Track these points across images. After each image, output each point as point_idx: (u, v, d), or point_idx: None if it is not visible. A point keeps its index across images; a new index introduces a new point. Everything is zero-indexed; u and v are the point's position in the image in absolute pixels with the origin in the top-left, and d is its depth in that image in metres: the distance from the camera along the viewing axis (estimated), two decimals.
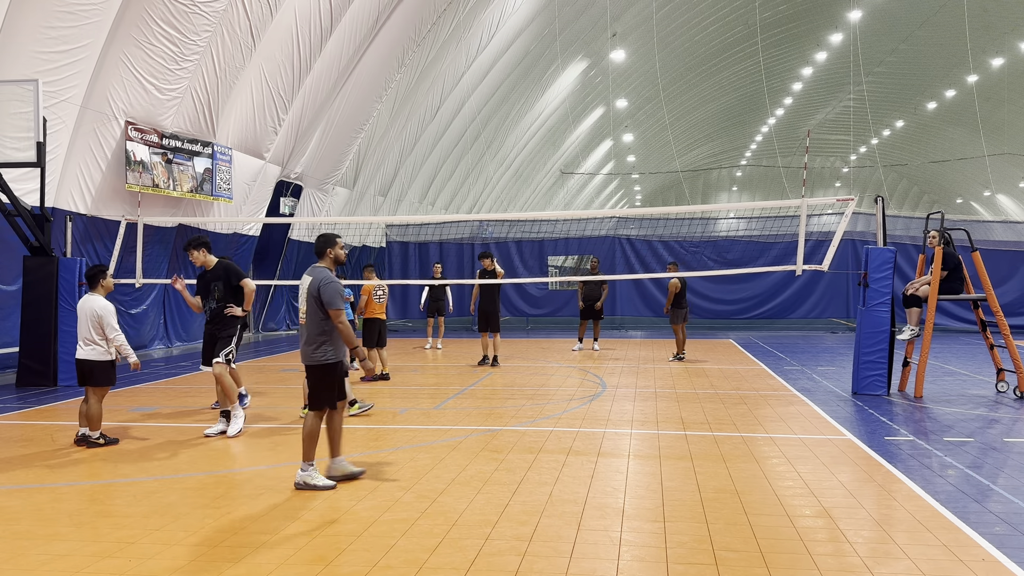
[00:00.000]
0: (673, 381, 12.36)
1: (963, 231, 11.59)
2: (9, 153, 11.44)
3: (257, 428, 8.81)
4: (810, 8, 44.94)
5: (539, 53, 31.58)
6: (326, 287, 6.39)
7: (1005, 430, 8.73)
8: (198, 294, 9.03)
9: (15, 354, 12.62)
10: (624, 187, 70.32)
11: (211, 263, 8.92)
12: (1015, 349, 10.74)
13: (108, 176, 14.74)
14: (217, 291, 8.78)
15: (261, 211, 20.15)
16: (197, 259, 8.91)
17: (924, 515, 5.56)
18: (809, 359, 15.35)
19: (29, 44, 12.27)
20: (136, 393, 11.37)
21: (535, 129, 38.89)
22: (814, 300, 22.89)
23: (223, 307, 8.78)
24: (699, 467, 6.92)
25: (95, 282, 8.10)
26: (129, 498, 6.08)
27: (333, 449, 6.58)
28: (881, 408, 9.89)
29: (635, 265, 22.99)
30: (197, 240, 9.02)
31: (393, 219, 26.62)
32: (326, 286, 6.39)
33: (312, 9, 17.34)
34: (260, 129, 18.36)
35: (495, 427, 8.71)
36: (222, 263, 8.99)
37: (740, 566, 4.64)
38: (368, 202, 26.62)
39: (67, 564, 4.73)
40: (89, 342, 8.02)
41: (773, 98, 51.71)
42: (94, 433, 7.85)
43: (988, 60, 42.75)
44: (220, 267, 8.92)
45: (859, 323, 11.08)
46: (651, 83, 42.00)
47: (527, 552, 4.87)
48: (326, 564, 4.71)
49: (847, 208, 11.52)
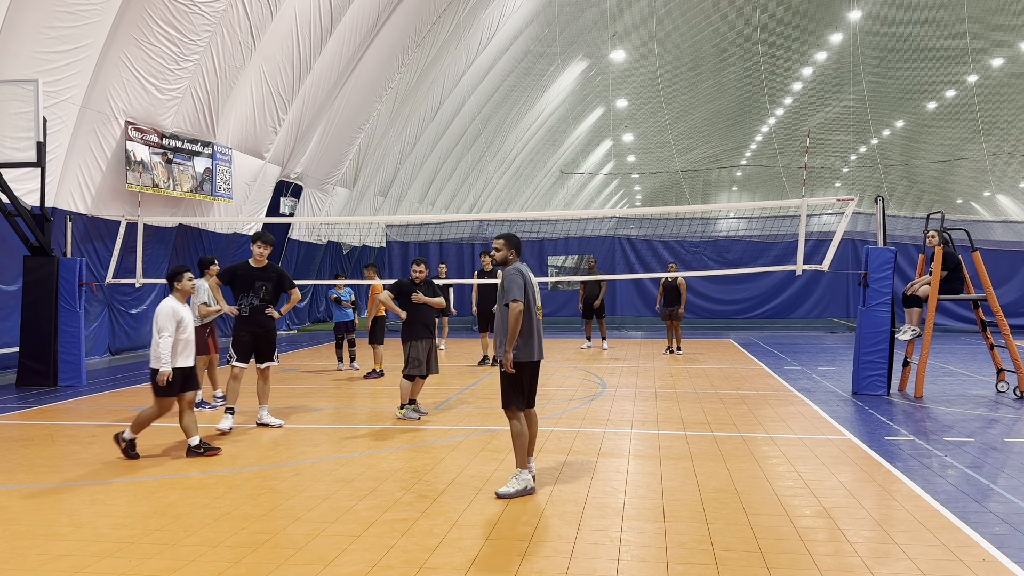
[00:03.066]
0: (673, 381, 12.36)
1: (963, 231, 11.59)
2: (9, 153, 11.44)
3: (256, 428, 8.80)
4: (810, 8, 44.95)
5: (539, 53, 31.59)
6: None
7: (1005, 430, 8.73)
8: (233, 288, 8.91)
9: (15, 354, 12.62)
10: (624, 187, 70.34)
11: (264, 262, 9.01)
12: (1015, 349, 10.74)
13: (108, 176, 14.74)
14: (265, 291, 8.85)
15: (261, 211, 20.15)
16: (262, 255, 8.96)
17: (924, 515, 5.56)
18: (809, 359, 15.34)
19: (29, 44, 12.27)
20: (136, 393, 11.37)
21: (535, 129, 38.90)
22: (814, 300, 22.88)
23: (264, 307, 8.86)
24: (699, 467, 6.92)
25: (171, 285, 7.68)
26: (129, 498, 6.08)
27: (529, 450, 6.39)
28: (881, 408, 9.89)
29: (635, 265, 22.98)
30: (269, 237, 9.10)
31: (393, 219, 26.60)
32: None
33: (312, 9, 17.33)
34: (260, 129, 18.36)
35: (495, 427, 8.71)
36: (275, 266, 9.13)
37: (740, 566, 4.64)
38: (368, 202, 26.62)
39: (67, 564, 4.72)
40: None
41: (773, 98, 51.72)
42: (195, 439, 7.52)
43: (988, 60, 42.76)
44: (274, 270, 9.03)
45: (859, 323, 11.08)
46: (651, 83, 42.02)
47: (527, 552, 4.87)
48: (326, 564, 4.71)
49: (847, 208, 11.53)
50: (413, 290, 9.33)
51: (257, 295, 8.81)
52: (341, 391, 11.61)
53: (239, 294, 8.83)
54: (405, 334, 9.30)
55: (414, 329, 9.27)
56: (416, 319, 9.28)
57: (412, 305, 9.31)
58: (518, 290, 6.14)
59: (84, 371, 12.25)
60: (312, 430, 8.71)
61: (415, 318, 9.28)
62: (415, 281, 9.49)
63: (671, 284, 16.36)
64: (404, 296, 9.33)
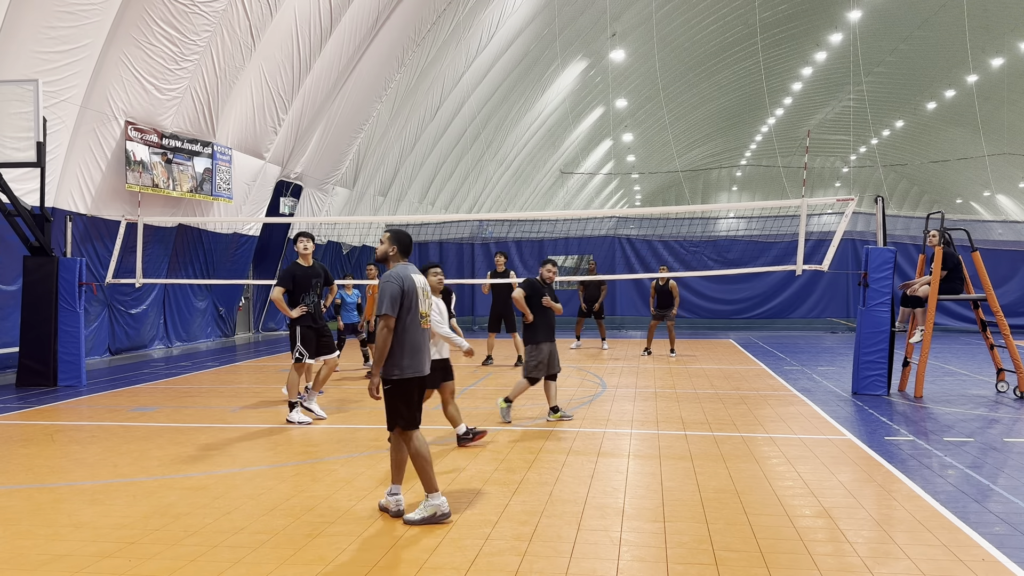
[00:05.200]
0: (673, 381, 12.36)
1: (963, 231, 11.59)
2: (9, 153, 11.44)
3: (257, 428, 8.81)
4: (810, 8, 44.93)
5: (539, 53, 31.58)
6: None
7: (1005, 430, 8.73)
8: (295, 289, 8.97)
9: (15, 354, 12.62)
10: (624, 187, 70.32)
11: (311, 260, 9.16)
12: (1015, 349, 10.74)
13: (108, 176, 14.74)
14: (319, 287, 9.07)
15: (261, 211, 20.15)
16: (308, 251, 9.08)
17: (924, 515, 5.56)
18: (809, 359, 15.34)
19: (29, 44, 12.27)
20: (136, 393, 11.37)
21: (535, 129, 38.88)
22: (814, 300, 22.89)
23: (319, 302, 9.11)
24: (699, 467, 6.92)
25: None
26: (129, 498, 6.08)
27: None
28: (881, 408, 9.89)
29: (635, 265, 22.98)
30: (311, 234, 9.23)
31: (393, 219, 26.53)
32: None
33: (312, 9, 17.33)
34: (260, 129, 18.36)
35: (495, 427, 8.71)
36: (319, 263, 9.34)
37: (740, 566, 4.64)
38: (368, 202, 26.62)
39: (67, 564, 4.72)
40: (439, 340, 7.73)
41: (773, 98, 51.70)
42: (462, 427, 7.73)
43: (988, 60, 42.73)
44: (320, 266, 9.25)
45: (859, 323, 11.07)
46: (651, 83, 42.00)
47: (527, 552, 4.87)
48: (326, 564, 4.71)
49: (847, 208, 11.52)
50: (544, 292, 9.10)
51: (315, 292, 9.07)
52: (340, 391, 11.61)
53: (300, 294, 9.04)
54: (528, 336, 9.00)
55: (538, 332, 8.97)
56: (541, 322, 8.99)
57: (539, 307, 9.04)
58: (388, 303, 5.46)
59: (84, 371, 12.24)
60: (312, 430, 8.71)
61: (540, 321, 8.98)
62: (546, 282, 9.25)
63: (663, 287, 16.27)
64: (536, 297, 9.05)
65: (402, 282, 5.56)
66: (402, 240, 5.72)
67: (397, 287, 5.53)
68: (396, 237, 5.72)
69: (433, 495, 5.46)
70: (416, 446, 5.55)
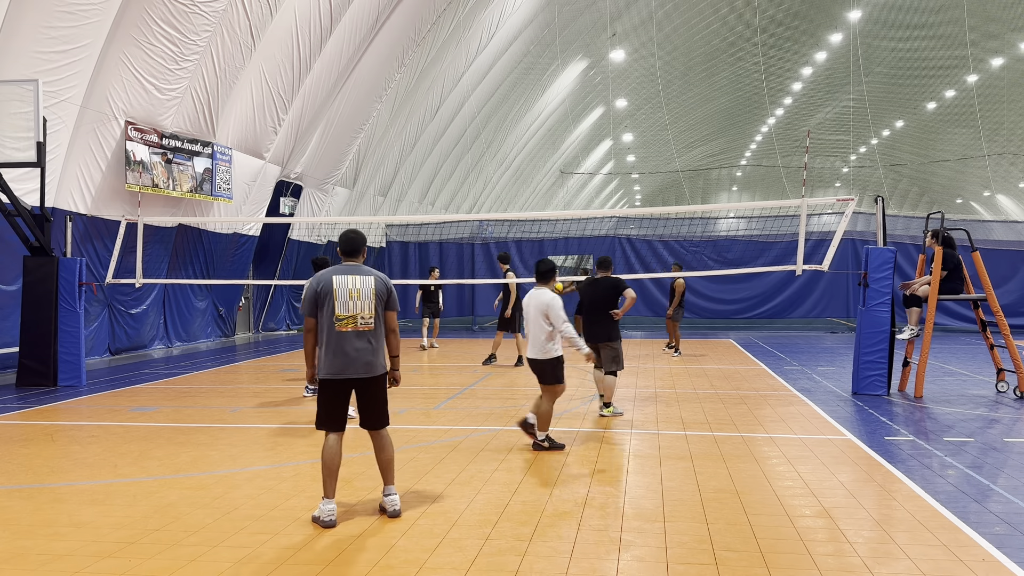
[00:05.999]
0: (673, 381, 12.36)
1: (963, 231, 11.59)
2: (9, 153, 11.44)
3: (257, 428, 8.81)
4: (810, 8, 44.94)
5: (539, 53, 31.58)
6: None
7: (1005, 430, 8.73)
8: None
9: (15, 354, 12.62)
10: (624, 187, 70.34)
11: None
12: (1015, 349, 10.74)
13: (108, 176, 14.74)
14: None
15: (261, 211, 20.15)
16: None
17: (924, 515, 5.56)
18: (809, 359, 15.34)
19: (29, 44, 12.27)
20: (136, 393, 11.37)
21: (535, 129, 38.89)
22: (814, 300, 22.89)
23: None
24: (699, 467, 6.92)
25: (547, 278, 7.78)
26: (129, 498, 6.08)
27: None
28: (881, 408, 9.89)
29: (635, 265, 22.98)
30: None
31: (393, 219, 26.61)
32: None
33: (312, 9, 17.33)
34: (260, 129, 18.36)
35: (495, 427, 8.72)
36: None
37: (740, 566, 4.64)
38: (368, 202, 26.62)
39: (67, 564, 4.72)
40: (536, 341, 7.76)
41: (773, 98, 51.73)
42: (540, 434, 7.69)
43: (988, 60, 42.75)
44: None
45: (859, 323, 11.07)
46: (651, 83, 42.01)
47: (527, 552, 4.87)
48: (326, 564, 4.71)
49: (847, 208, 11.52)
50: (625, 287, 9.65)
51: None
52: None
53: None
54: (616, 332, 9.47)
55: (618, 328, 9.58)
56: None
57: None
58: (307, 305, 5.59)
59: (84, 371, 12.24)
60: (311, 430, 8.70)
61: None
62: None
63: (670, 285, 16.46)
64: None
65: (318, 284, 5.58)
66: (344, 240, 5.73)
67: (312, 289, 5.58)
68: (340, 237, 5.77)
69: (325, 500, 5.47)
70: (324, 448, 5.55)
